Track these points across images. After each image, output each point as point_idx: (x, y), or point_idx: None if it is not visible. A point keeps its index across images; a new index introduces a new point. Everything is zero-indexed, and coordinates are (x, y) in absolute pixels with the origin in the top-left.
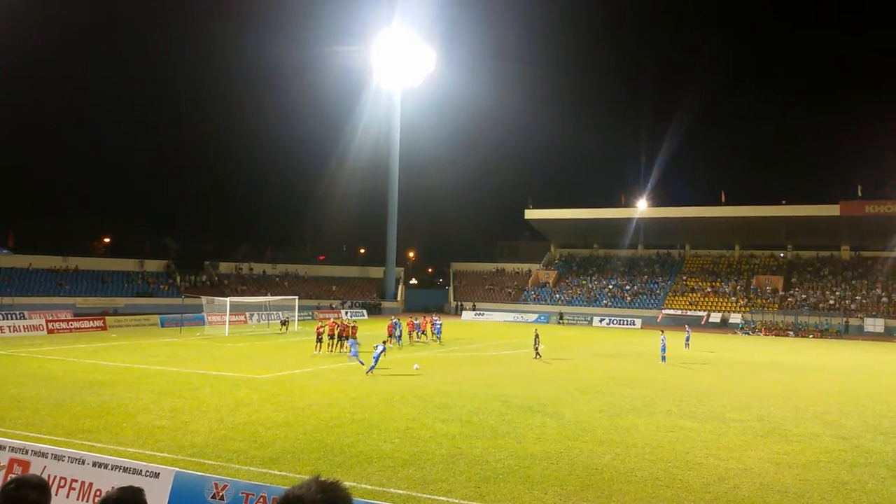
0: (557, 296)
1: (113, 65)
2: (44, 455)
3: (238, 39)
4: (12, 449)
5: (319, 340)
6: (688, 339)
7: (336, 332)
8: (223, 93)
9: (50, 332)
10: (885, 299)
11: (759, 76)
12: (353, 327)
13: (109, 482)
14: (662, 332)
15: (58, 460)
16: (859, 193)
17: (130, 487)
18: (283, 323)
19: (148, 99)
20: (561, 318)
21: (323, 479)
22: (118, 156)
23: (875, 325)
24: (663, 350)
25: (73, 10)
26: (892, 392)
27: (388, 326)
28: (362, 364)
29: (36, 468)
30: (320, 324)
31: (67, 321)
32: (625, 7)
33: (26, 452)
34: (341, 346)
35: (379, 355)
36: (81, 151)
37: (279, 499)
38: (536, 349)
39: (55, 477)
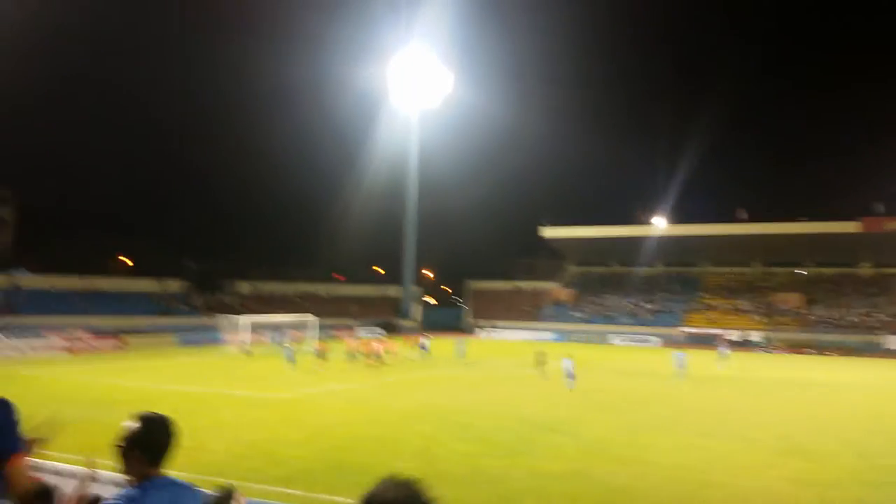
0: (575, 314)
1: (130, 85)
2: (59, 474)
3: (256, 60)
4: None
5: (322, 358)
6: (724, 358)
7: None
8: (241, 114)
9: (70, 351)
10: None
11: (780, 93)
12: None
13: None
14: (682, 349)
15: (72, 478)
16: (880, 210)
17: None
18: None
19: (166, 119)
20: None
21: (398, 479)
22: (138, 176)
23: None
24: (682, 367)
25: (91, 30)
26: None
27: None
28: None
29: None
30: (319, 344)
31: (87, 341)
32: (644, 26)
33: (41, 471)
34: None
35: (572, 370)
36: (101, 172)
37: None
38: (542, 367)
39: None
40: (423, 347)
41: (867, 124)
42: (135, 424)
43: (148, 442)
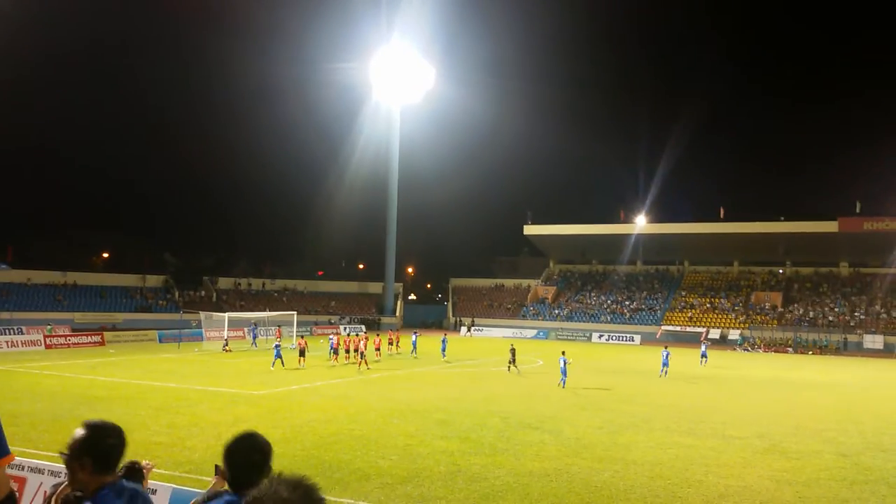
0: (556, 311)
1: (112, 82)
2: (40, 471)
3: (237, 56)
4: (8, 465)
5: (302, 355)
6: (704, 355)
7: (351, 347)
8: (222, 109)
9: (48, 347)
10: (884, 315)
11: (758, 92)
12: None
13: None
14: (666, 346)
15: (54, 476)
16: (858, 210)
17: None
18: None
19: (147, 115)
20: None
21: (288, 477)
22: (117, 171)
23: (874, 341)
24: (665, 364)
25: (74, 26)
26: (892, 409)
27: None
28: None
29: (32, 484)
30: (302, 339)
31: (65, 336)
32: (623, 25)
33: (22, 468)
34: (362, 359)
35: (564, 367)
36: (81, 166)
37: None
38: (512, 363)
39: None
40: (412, 343)
41: (846, 126)
42: (84, 432)
43: (98, 449)
